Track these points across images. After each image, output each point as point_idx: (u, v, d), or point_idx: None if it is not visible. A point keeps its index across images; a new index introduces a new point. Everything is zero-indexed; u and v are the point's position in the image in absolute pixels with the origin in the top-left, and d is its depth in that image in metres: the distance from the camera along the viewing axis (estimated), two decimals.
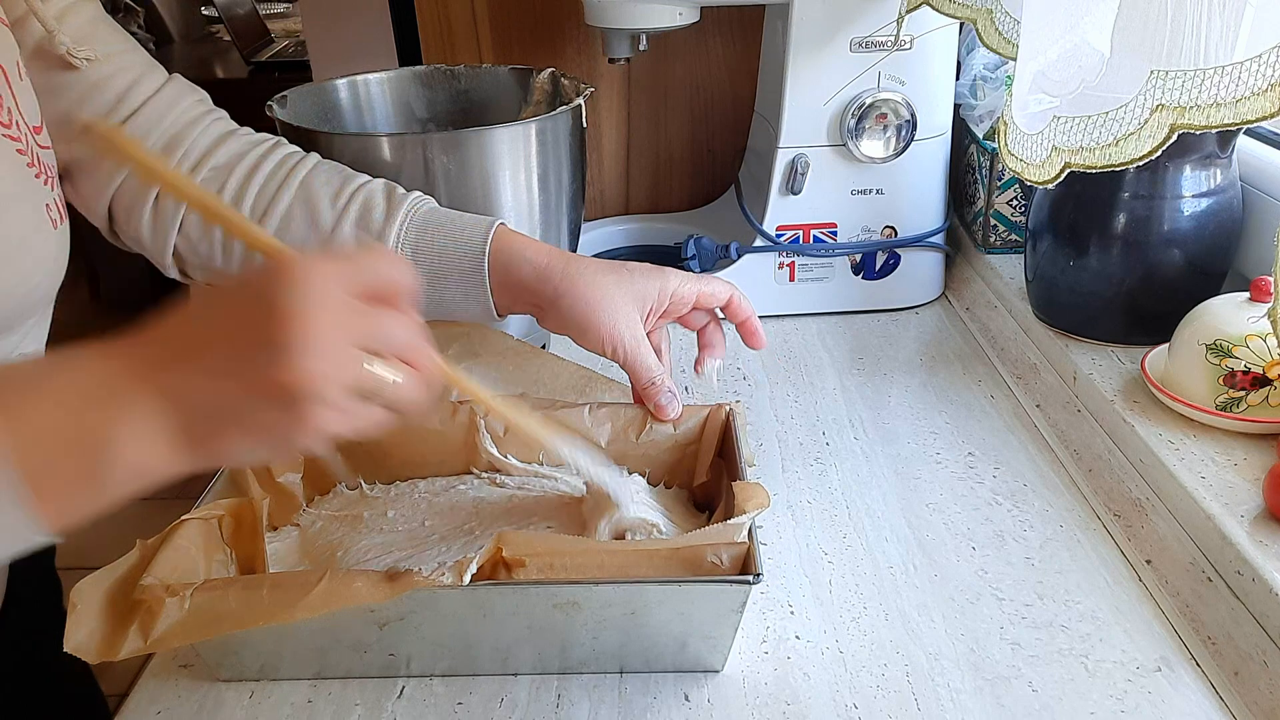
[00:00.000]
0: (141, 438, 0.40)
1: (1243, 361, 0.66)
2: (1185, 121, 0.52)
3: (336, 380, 0.40)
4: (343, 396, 0.40)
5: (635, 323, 0.66)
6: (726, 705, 0.55)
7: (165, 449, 0.40)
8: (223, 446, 0.41)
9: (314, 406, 0.40)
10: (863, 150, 0.94)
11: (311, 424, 0.40)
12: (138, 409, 0.40)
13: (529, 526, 0.64)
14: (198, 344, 0.41)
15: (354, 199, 0.68)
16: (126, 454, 0.40)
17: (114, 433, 0.40)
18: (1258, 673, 0.54)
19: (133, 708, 0.56)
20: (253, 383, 0.39)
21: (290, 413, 0.40)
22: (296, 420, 0.40)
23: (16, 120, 0.59)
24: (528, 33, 1.14)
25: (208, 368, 0.40)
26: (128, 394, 0.40)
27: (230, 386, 0.40)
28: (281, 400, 0.39)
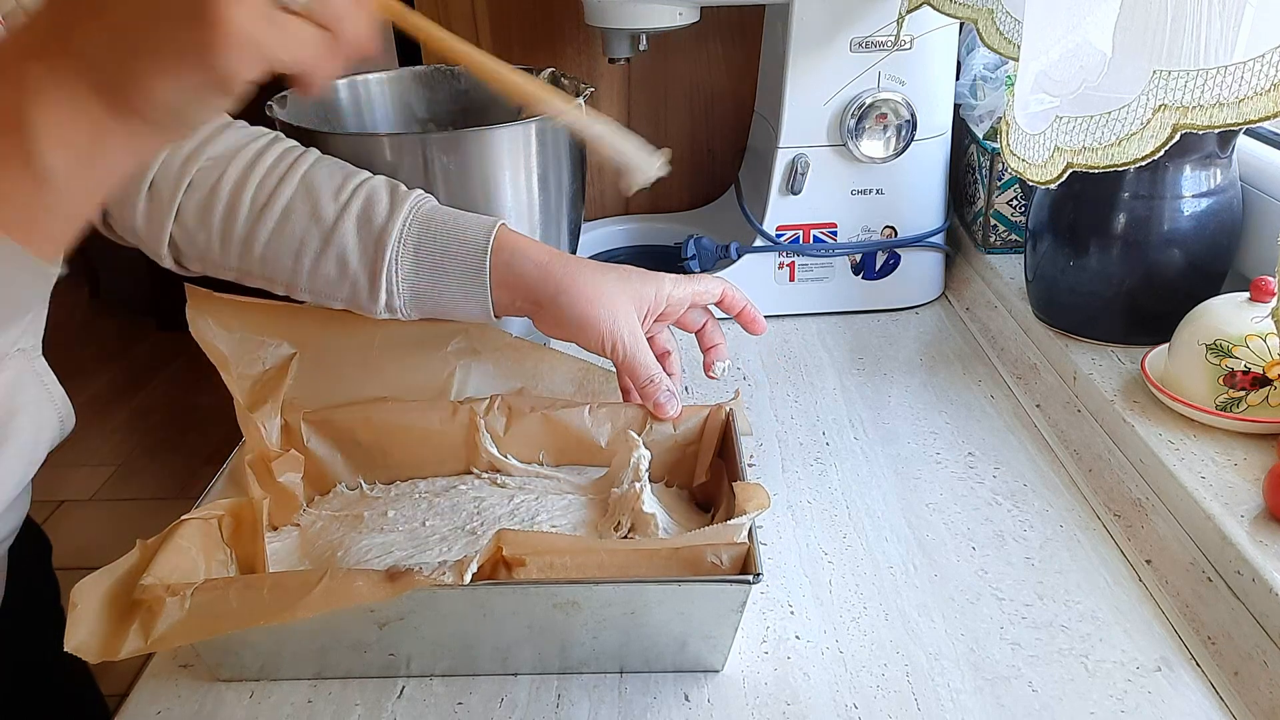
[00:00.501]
0: (58, 106, 0.36)
1: (1243, 361, 0.66)
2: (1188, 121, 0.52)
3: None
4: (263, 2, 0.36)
5: (634, 322, 0.66)
6: (726, 705, 0.55)
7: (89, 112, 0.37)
8: (145, 91, 0.37)
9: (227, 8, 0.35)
10: (863, 150, 0.94)
11: (229, 32, 0.35)
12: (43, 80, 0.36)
13: (532, 526, 0.64)
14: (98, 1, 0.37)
15: (356, 194, 0.68)
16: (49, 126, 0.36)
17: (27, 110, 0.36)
18: (1258, 673, 0.54)
19: (133, 708, 0.56)
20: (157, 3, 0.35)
21: (200, 20, 0.35)
22: (212, 30, 0.35)
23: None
24: (528, 33, 1.14)
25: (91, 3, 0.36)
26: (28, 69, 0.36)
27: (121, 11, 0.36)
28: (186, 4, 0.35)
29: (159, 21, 0.35)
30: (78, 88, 0.36)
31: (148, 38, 0.36)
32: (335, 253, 0.67)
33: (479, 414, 0.68)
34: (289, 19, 0.37)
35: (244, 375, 0.68)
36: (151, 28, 0.35)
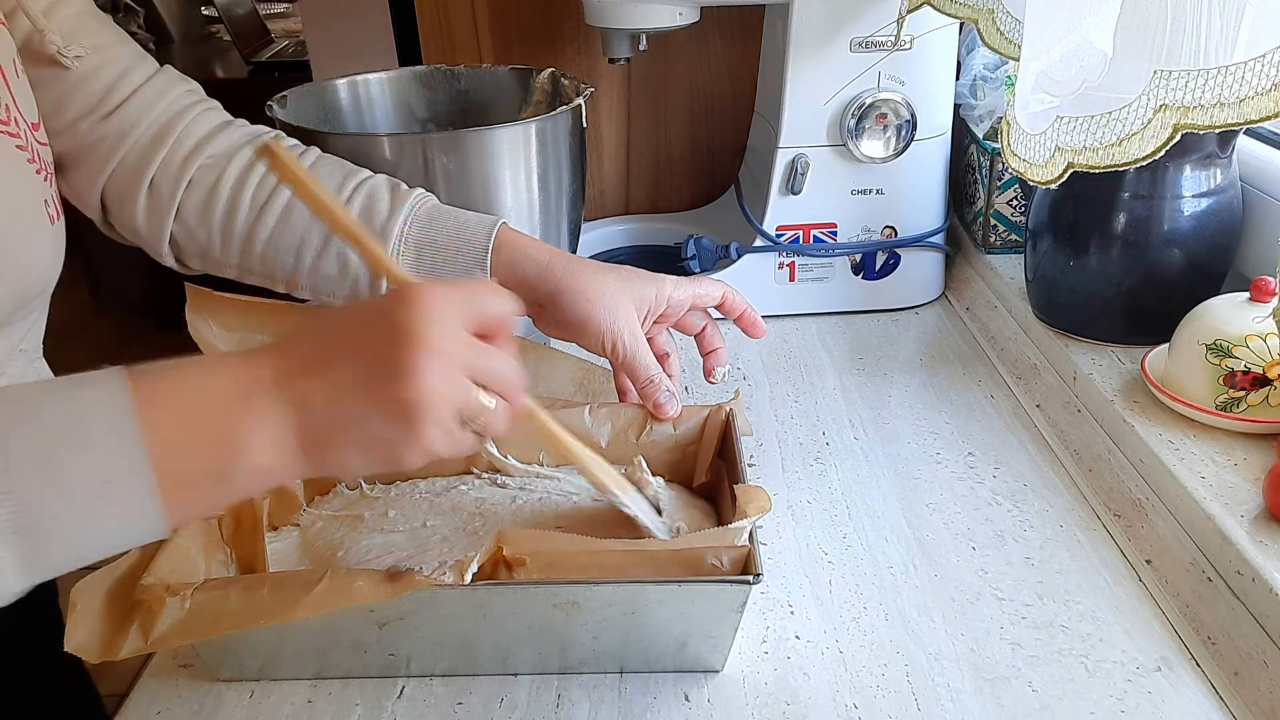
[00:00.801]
0: (268, 442, 0.43)
1: (1243, 361, 0.66)
2: (1189, 121, 0.52)
3: (449, 403, 0.44)
4: (451, 418, 0.44)
5: (634, 322, 0.66)
6: (726, 705, 0.55)
7: (287, 454, 0.43)
8: (338, 456, 0.44)
9: (427, 425, 0.43)
10: (863, 150, 0.94)
11: (421, 441, 0.43)
12: (267, 414, 0.43)
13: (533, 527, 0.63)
14: (327, 358, 0.44)
15: (358, 193, 0.68)
16: (254, 456, 0.42)
17: (245, 435, 0.42)
18: (1258, 673, 0.54)
19: (133, 708, 0.56)
20: (375, 398, 0.43)
21: (405, 429, 0.43)
22: (409, 437, 0.43)
23: (15, 117, 0.59)
24: (528, 33, 1.14)
25: (334, 381, 0.43)
26: (260, 399, 0.43)
27: (354, 399, 0.43)
28: (399, 416, 0.43)
29: (374, 416, 0.43)
30: (290, 432, 0.43)
31: (359, 423, 0.43)
32: (336, 250, 0.67)
33: None
34: (462, 430, 0.45)
35: None
36: (364, 415, 0.43)
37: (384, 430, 0.43)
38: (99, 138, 0.66)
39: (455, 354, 0.44)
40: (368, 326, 0.45)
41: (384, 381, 0.43)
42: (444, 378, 0.43)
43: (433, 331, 0.43)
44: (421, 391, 0.42)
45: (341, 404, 0.43)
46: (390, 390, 0.42)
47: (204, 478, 0.43)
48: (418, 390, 0.42)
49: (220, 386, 0.43)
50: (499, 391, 0.47)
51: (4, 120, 0.58)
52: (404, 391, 0.42)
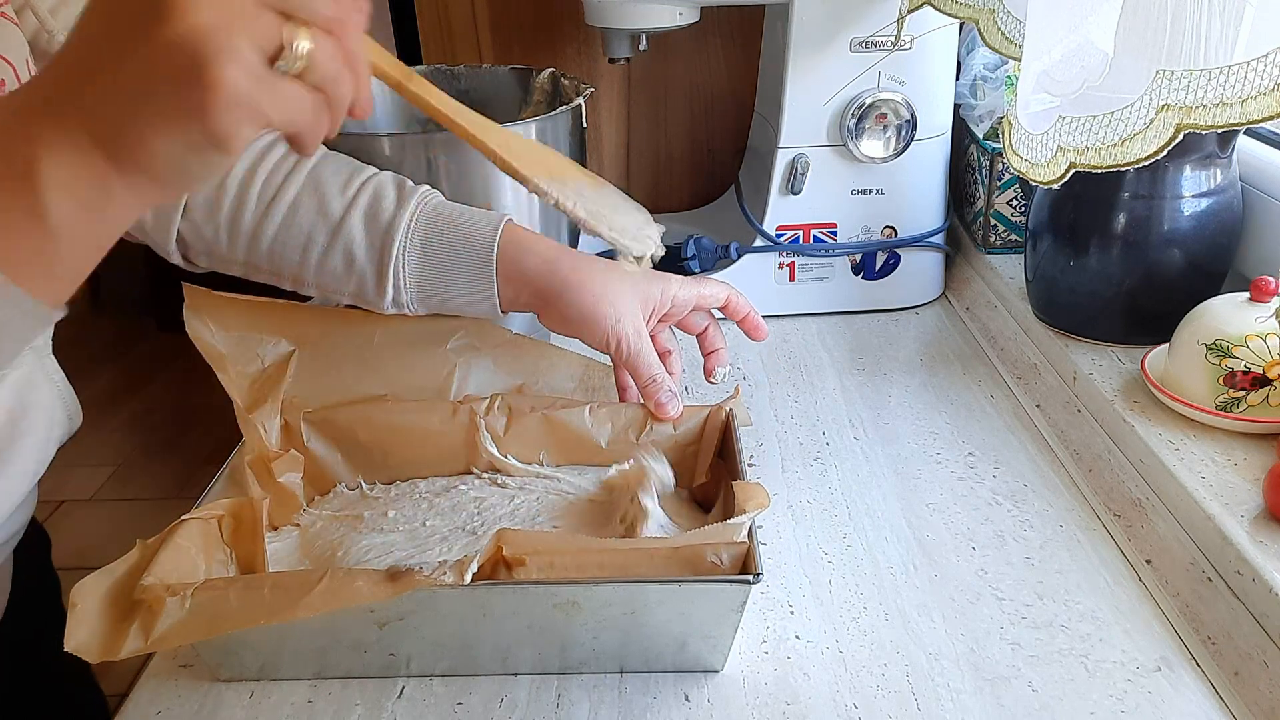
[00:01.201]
0: (66, 160, 0.37)
1: (1243, 361, 0.66)
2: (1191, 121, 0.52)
3: (238, 35, 0.35)
4: (252, 56, 0.36)
5: (639, 320, 0.66)
6: (726, 705, 0.55)
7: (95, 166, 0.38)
8: (144, 148, 0.37)
9: (217, 65, 0.35)
10: (863, 150, 0.94)
11: (220, 88, 0.35)
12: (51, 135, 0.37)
13: (532, 527, 0.64)
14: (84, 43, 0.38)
15: (364, 189, 0.68)
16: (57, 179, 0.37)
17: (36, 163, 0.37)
18: (1258, 673, 0.54)
19: (133, 708, 0.56)
20: (143, 52, 0.35)
21: (193, 78, 0.35)
22: (203, 86, 0.35)
23: None
24: (528, 33, 1.14)
25: (98, 63, 0.37)
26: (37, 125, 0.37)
27: (123, 70, 0.36)
28: (179, 64, 0.35)
29: (158, 83, 0.36)
30: (83, 143, 0.37)
31: (148, 98, 0.36)
32: (342, 247, 0.67)
33: (479, 414, 0.68)
34: (282, 81, 0.37)
35: (242, 374, 0.68)
36: (152, 88, 0.36)
37: (171, 90, 0.36)
38: None
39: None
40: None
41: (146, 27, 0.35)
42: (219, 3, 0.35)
43: None
44: (191, 23, 0.35)
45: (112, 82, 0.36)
46: (156, 36, 0.35)
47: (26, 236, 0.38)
48: (186, 22, 0.35)
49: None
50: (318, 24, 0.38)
51: None
52: (170, 30, 0.35)
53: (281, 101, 0.37)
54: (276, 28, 0.36)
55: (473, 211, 0.68)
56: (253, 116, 0.37)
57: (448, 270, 0.67)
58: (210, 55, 0.35)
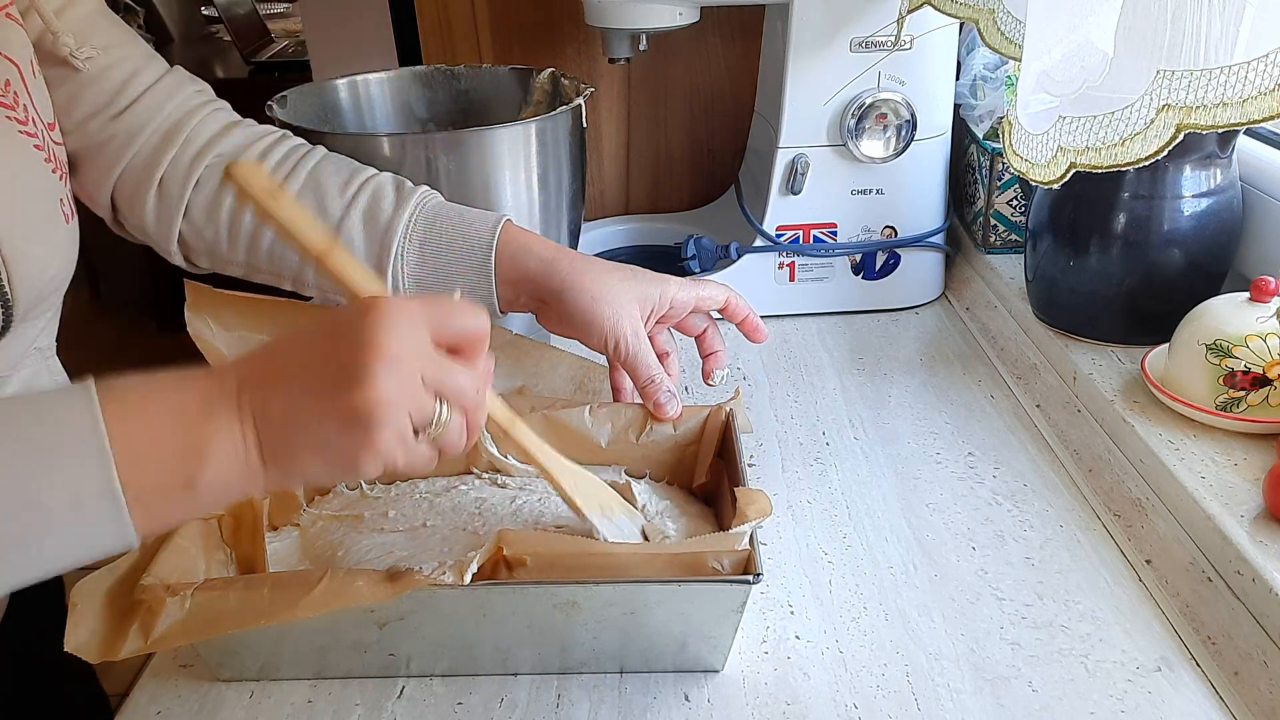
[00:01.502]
0: (229, 451, 0.43)
1: (1243, 361, 0.66)
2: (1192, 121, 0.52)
3: (403, 410, 0.44)
4: (406, 427, 0.44)
5: (638, 321, 0.66)
6: (726, 705, 0.55)
7: (248, 462, 0.43)
8: (297, 464, 0.44)
9: (381, 431, 0.43)
10: (863, 150, 0.94)
11: (376, 448, 0.43)
12: (227, 423, 0.43)
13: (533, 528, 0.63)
14: (287, 368, 0.45)
15: (363, 190, 0.68)
16: (217, 465, 0.43)
17: (207, 445, 0.43)
18: (1258, 673, 0.54)
19: (133, 708, 0.56)
20: (330, 404, 0.43)
21: (359, 436, 0.43)
22: (364, 443, 0.43)
23: (32, 117, 0.60)
24: (528, 33, 1.14)
25: (292, 388, 0.44)
26: (220, 409, 0.43)
27: (309, 406, 0.43)
28: (353, 423, 0.43)
29: (331, 424, 0.43)
30: (251, 441, 0.43)
31: (315, 428, 0.43)
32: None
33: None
34: (419, 444, 0.46)
35: None
36: (320, 421, 0.43)
37: (339, 437, 0.43)
38: (108, 137, 0.66)
39: (412, 363, 0.44)
40: (328, 336, 0.45)
41: (339, 387, 0.43)
42: (399, 386, 0.43)
43: (390, 339, 0.43)
44: (375, 398, 0.42)
45: (298, 411, 0.43)
46: (345, 396, 0.42)
47: (170, 489, 0.43)
48: (372, 396, 0.42)
49: (184, 399, 0.44)
50: (458, 405, 0.46)
51: (21, 120, 0.58)
52: (358, 398, 0.42)
53: (412, 456, 0.45)
54: (432, 405, 0.45)
55: (471, 212, 0.68)
56: (388, 464, 0.44)
57: (446, 271, 0.67)
58: (380, 421, 0.43)
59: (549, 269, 0.66)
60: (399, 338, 0.43)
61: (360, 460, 0.44)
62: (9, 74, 0.59)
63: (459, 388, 0.46)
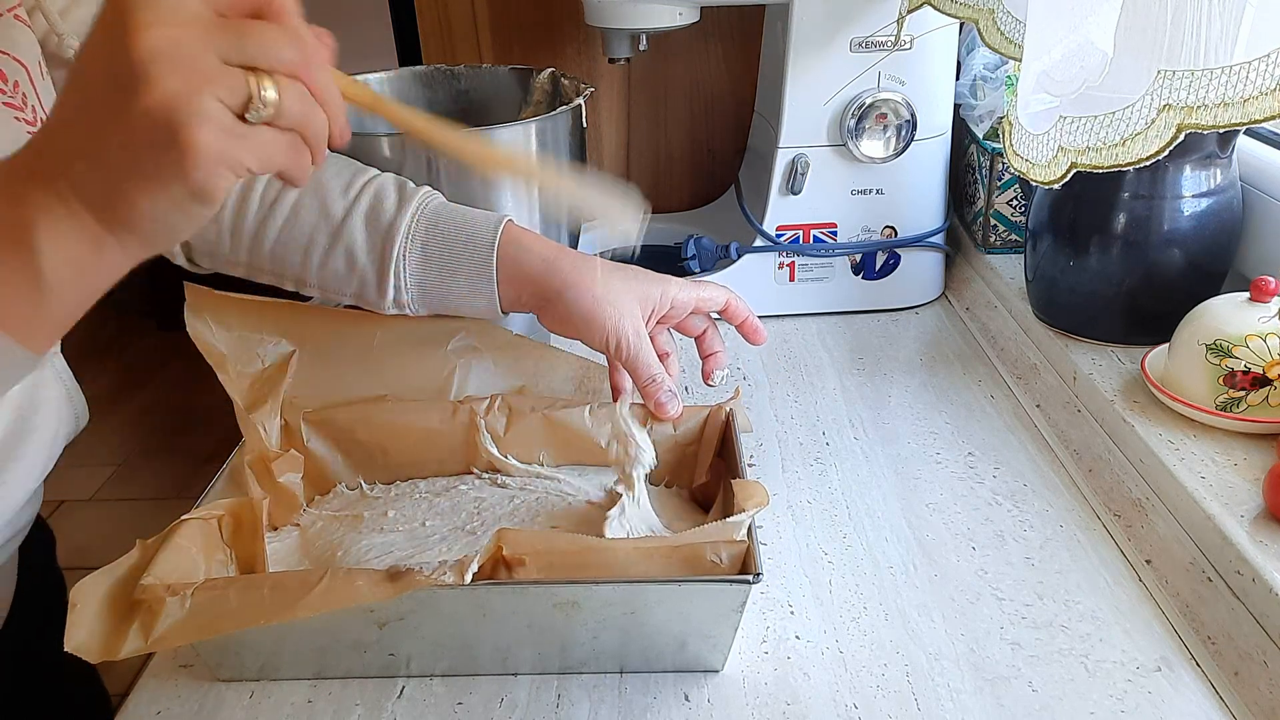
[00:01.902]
0: (58, 224, 0.39)
1: (1243, 361, 0.66)
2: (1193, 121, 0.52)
3: (204, 95, 0.37)
4: (222, 113, 0.38)
5: (639, 321, 0.66)
6: (726, 705, 0.55)
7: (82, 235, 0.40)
8: (132, 211, 0.39)
9: (188, 127, 0.37)
10: (863, 150, 0.94)
11: (198, 150, 0.37)
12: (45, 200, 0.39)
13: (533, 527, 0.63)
14: (68, 116, 0.40)
15: (365, 191, 0.68)
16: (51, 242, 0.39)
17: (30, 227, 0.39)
18: (1258, 673, 0.54)
19: (133, 708, 0.56)
20: (123, 124, 0.37)
21: (170, 145, 0.37)
22: (180, 149, 0.37)
23: (40, 119, 0.60)
24: (528, 33, 1.14)
25: (78, 136, 0.39)
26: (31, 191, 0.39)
27: (106, 138, 0.38)
28: (157, 134, 0.37)
29: (138, 150, 0.38)
30: (75, 206, 0.39)
31: (131, 164, 0.38)
32: (343, 248, 0.67)
33: (479, 414, 0.68)
34: (255, 130, 0.39)
35: (243, 373, 0.68)
36: (133, 155, 0.38)
37: (153, 155, 0.38)
38: None
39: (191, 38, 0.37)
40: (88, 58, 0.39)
41: (121, 102, 0.37)
42: (183, 68, 0.36)
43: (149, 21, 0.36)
44: (160, 92, 0.36)
45: (99, 150, 0.38)
46: (130, 107, 0.36)
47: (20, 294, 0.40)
48: (156, 93, 0.36)
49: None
50: (281, 70, 0.39)
51: (30, 122, 0.59)
52: (142, 102, 0.36)
53: (257, 149, 0.39)
54: (242, 81, 0.38)
55: (473, 212, 0.68)
56: (231, 168, 0.39)
57: (448, 271, 0.67)
58: (183, 120, 0.37)
59: (550, 269, 0.66)
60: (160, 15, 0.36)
61: (190, 170, 0.37)
62: (18, 75, 0.59)
63: (269, 49, 0.38)
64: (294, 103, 0.40)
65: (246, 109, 0.38)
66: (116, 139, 0.38)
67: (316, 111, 0.41)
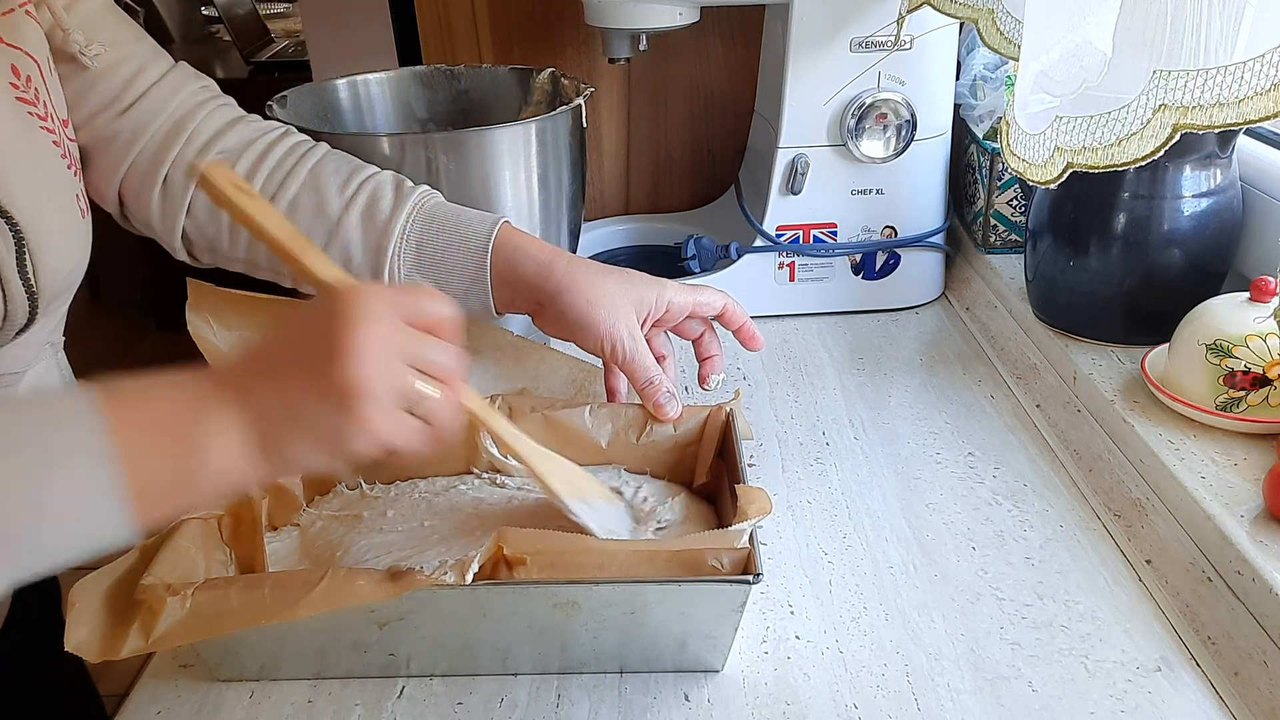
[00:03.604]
0: (224, 442, 0.45)
1: (1243, 361, 0.66)
2: (1188, 121, 0.52)
3: (385, 385, 0.45)
4: (390, 402, 0.46)
5: (634, 324, 0.66)
6: (726, 705, 0.55)
7: (243, 452, 0.45)
8: (290, 449, 0.46)
9: (366, 407, 0.45)
10: (863, 150, 0.94)
11: (364, 424, 0.45)
12: (220, 415, 0.45)
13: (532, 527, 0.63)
14: (272, 360, 0.47)
15: (362, 189, 0.68)
16: (213, 457, 0.45)
17: (202, 439, 0.44)
18: (1258, 673, 0.54)
19: (133, 708, 0.56)
20: (314, 384, 0.45)
21: (345, 414, 0.45)
22: (351, 421, 0.45)
23: (51, 113, 0.60)
24: (528, 33, 1.14)
25: (278, 379, 0.46)
26: (213, 402, 0.45)
27: (296, 391, 0.45)
28: (338, 401, 0.44)
29: (317, 406, 0.45)
30: (243, 433, 0.45)
31: (303, 411, 0.45)
32: (339, 247, 0.67)
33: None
34: (408, 418, 0.47)
35: None
36: (309, 405, 0.45)
37: (327, 417, 0.45)
38: (114, 133, 0.67)
39: (388, 338, 0.46)
40: (306, 323, 0.48)
41: (321, 368, 0.45)
42: (377, 359, 0.45)
43: (366, 318, 0.45)
44: (356, 373, 0.44)
45: (285, 396, 0.45)
46: (327, 376, 0.44)
47: (169, 484, 0.45)
48: (352, 372, 0.44)
49: (179, 395, 0.46)
50: (438, 378, 0.48)
51: (42, 116, 0.59)
52: (339, 375, 0.44)
53: (403, 432, 0.47)
54: (413, 378, 0.47)
55: (469, 213, 0.68)
56: (379, 442, 0.46)
57: (442, 272, 0.67)
58: (363, 398, 0.44)
59: (545, 272, 0.66)
60: (373, 316, 0.46)
61: (350, 436, 0.45)
62: (30, 70, 0.59)
63: (437, 361, 0.48)
64: (442, 409, 0.48)
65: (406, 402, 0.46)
66: (308, 391, 0.45)
67: (449, 416, 0.49)
